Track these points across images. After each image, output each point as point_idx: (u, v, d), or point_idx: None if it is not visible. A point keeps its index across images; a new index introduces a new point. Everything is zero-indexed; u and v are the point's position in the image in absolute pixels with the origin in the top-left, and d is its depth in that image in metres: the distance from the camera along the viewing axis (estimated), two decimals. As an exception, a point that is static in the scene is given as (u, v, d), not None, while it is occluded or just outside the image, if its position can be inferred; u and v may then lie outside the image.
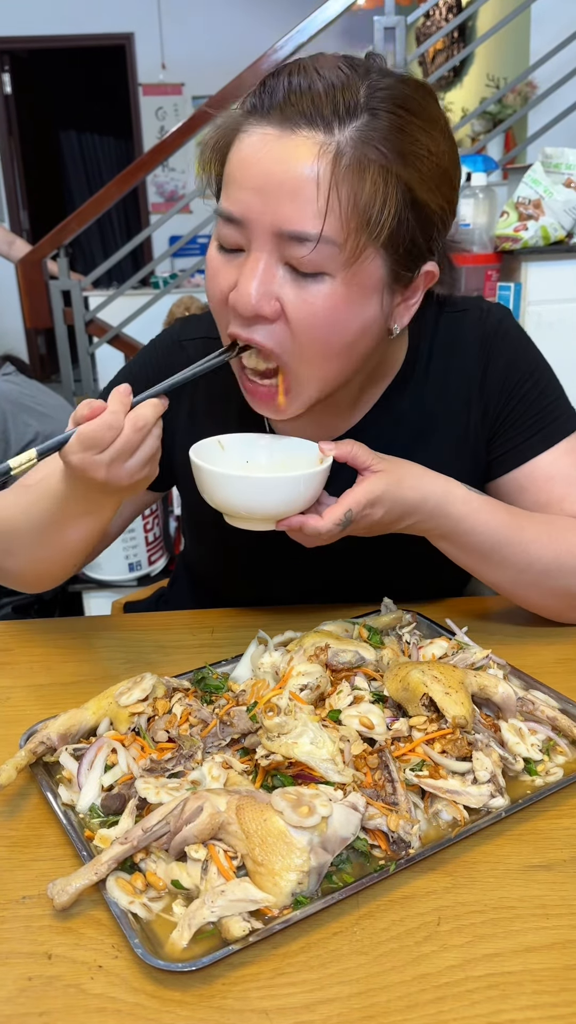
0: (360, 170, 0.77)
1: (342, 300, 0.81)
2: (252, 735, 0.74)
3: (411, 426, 1.03)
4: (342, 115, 0.77)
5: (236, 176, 0.80)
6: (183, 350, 1.09)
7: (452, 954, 0.58)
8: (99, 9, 7.10)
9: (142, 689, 0.78)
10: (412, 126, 0.79)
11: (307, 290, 0.80)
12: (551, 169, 2.43)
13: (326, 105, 0.77)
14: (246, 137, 0.80)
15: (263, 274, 0.80)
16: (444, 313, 1.05)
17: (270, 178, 0.77)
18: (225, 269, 0.84)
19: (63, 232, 3.33)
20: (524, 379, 1.02)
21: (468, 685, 0.77)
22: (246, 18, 6.93)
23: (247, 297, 0.80)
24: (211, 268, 0.86)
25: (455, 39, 5.90)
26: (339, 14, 2.90)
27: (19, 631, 1.07)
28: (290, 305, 0.81)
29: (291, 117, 0.77)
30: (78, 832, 0.68)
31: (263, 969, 0.57)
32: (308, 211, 0.77)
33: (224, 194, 0.82)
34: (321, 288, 0.80)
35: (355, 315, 0.82)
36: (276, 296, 0.81)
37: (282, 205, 0.77)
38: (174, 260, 6.71)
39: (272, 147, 0.77)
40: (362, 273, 0.81)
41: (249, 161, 0.79)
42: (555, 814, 0.70)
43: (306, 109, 0.77)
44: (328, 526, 0.83)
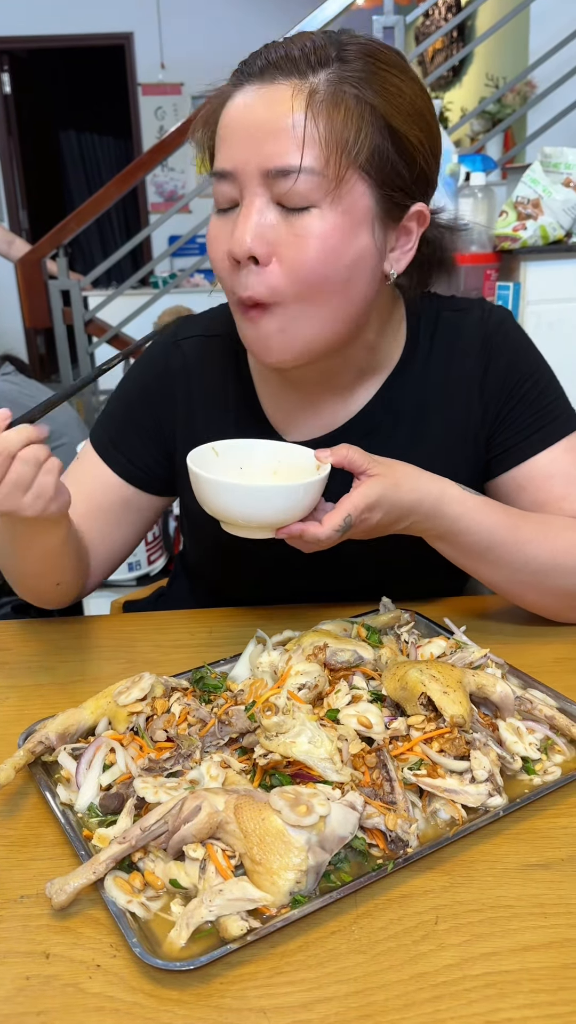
0: (334, 102, 0.82)
1: (331, 229, 0.84)
2: (250, 734, 0.74)
3: (409, 420, 1.04)
4: (314, 65, 0.83)
5: (224, 134, 0.86)
6: (179, 350, 1.10)
7: (450, 953, 0.58)
8: (98, 9, 7.10)
9: (140, 688, 0.78)
10: (382, 71, 0.85)
11: (297, 224, 0.84)
12: (550, 169, 2.43)
13: (301, 61, 0.83)
14: (231, 102, 0.86)
15: (255, 216, 0.84)
16: (445, 311, 1.06)
17: (253, 125, 0.84)
18: (223, 229, 0.88)
19: (62, 232, 3.33)
20: (524, 379, 1.02)
21: (466, 684, 0.77)
22: (245, 18, 6.93)
23: (242, 241, 0.84)
24: (211, 234, 0.90)
25: (454, 38, 5.90)
26: (338, 14, 2.90)
27: (18, 631, 1.07)
28: (284, 244, 0.84)
29: (266, 71, 0.84)
30: (76, 831, 0.68)
31: (261, 968, 0.57)
32: (288, 145, 0.82)
33: (216, 158, 0.88)
34: (310, 220, 0.84)
35: (346, 244, 0.85)
36: (269, 237, 0.84)
37: (265, 145, 0.83)
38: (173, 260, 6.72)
39: (252, 100, 0.84)
40: (348, 200, 0.84)
41: (234, 117, 0.85)
42: (553, 813, 0.70)
43: (283, 66, 0.84)
44: (328, 533, 0.83)
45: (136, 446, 1.09)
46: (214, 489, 0.82)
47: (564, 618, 1.01)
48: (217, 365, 1.08)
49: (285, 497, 0.82)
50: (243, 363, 1.08)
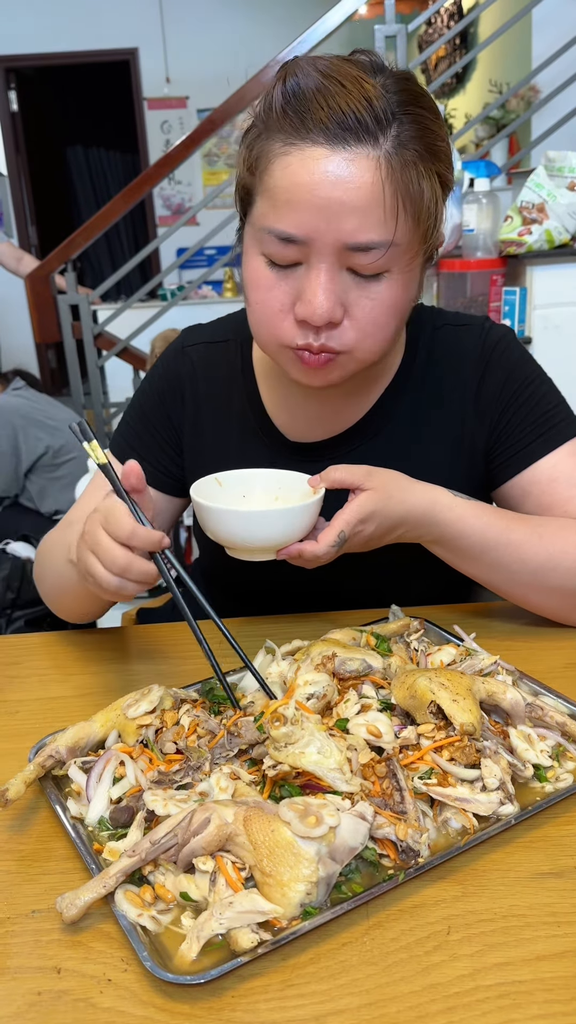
0: (410, 172, 0.82)
1: (399, 292, 0.87)
2: (259, 745, 0.74)
3: (406, 429, 1.06)
4: (382, 123, 0.81)
5: (290, 199, 0.82)
6: (186, 356, 1.14)
7: (462, 963, 0.57)
8: (103, 25, 7.16)
9: (149, 701, 0.78)
10: (427, 120, 0.85)
11: (370, 290, 0.86)
12: (554, 173, 2.43)
13: (365, 115, 0.80)
14: (291, 159, 0.82)
15: (331, 283, 0.84)
16: (446, 325, 1.08)
17: (331, 198, 0.80)
18: (280, 284, 0.87)
19: (70, 247, 3.36)
20: (521, 389, 1.04)
21: (476, 692, 0.77)
22: (248, 31, 6.98)
23: (320, 308, 0.84)
24: (263, 284, 0.88)
25: (457, 45, 5.91)
26: (340, 24, 2.92)
27: (29, 644, 1.07)
28: (356, 307, 0.86)
29: (336, 134, 0.80)
30: (87, 845, 0.68)
31: (272, 981, 0.57)
32: (374, 221, 0.81)
33: (275, 215, 0.84)
34: (383, 286, 0.86)
35: (408, 300, 0.90)
36: (342, 300, 0.85)
37: (347, 221, 0.81)
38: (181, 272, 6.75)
39: (326, 167, 0.80)
40: (412, 265, 0.88)
41: (305, 183, 0.81)
42: (565, 820, 0.70)
43: (350, 124, 0.80)
44: (324, 549, 0.87)
45: (153, 449, 1.12)
46: (216, 517, 0.87)
47: (571, 620, 1.01)
48: (222, 370, 1.11)
49: (282, 521, 0.87)
50: (248, 368, 1.11)
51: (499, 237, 2.53)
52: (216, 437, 1.10)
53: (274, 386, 1.08)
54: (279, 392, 1.08)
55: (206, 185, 7.64)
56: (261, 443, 1.09)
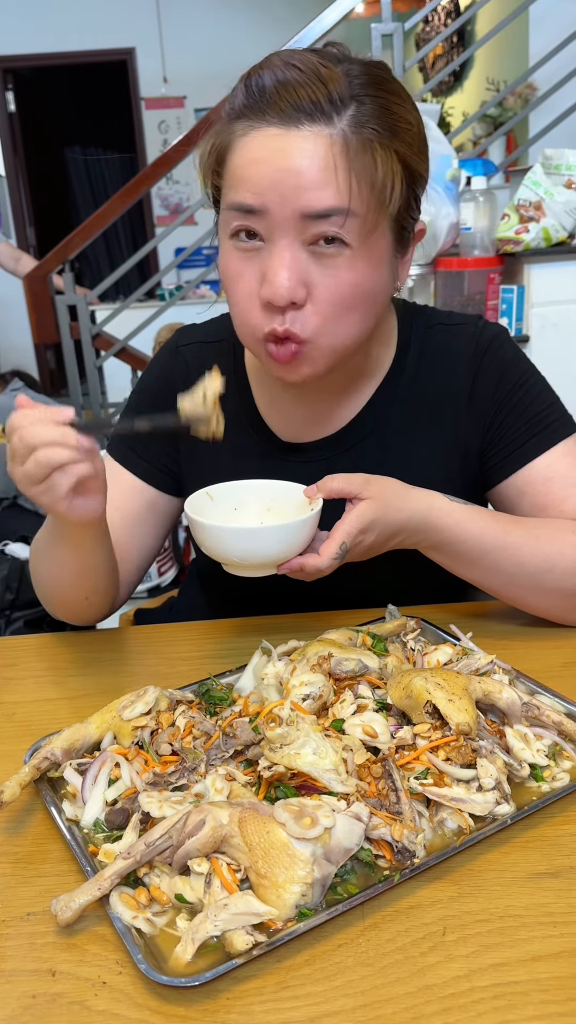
0: (365, 150, 0.83)
1: (362, 271, 0.86)
2: (255, 746, 0.74)
3: (398, 428, 1.06)
4: (337, 104, 0.82)
5: (247, 174, 0.84)
6: (180, 356, 1.14)
7: (458, 964, 0.57)
8: (100, 26, 7.15)
9: (145, 702, 0.78)
10: (392, 103, 0.86)
11: (330, 266, 0.85)
12: (551, 171, 2.43)
13: (319, 96, 0.82)
14: (248, 139, 0.84)
15: (292, 262, 0.84)
16: (438, 325, 1.08)
17: (287, 168, 0.82)
18: (247, 268, 0.88)
19: (68, 247, 3.35)
20: (515, 388, 1.03)
21: (472, 691, 0.77)
22: (245, 29, 6.97)
23: (281, 287, 0.84)
24: (232, 271, 0.89)
25: (454, 43, 5.91)
26: (336, 23, 2.91)
27: (25, 646, 1.07)
28: (318, 287, 0.86)
29: (290, 114, 0.82)
30: (82, 847, 0.68)
31: (267, 983, 0.57)
32: (330, 191, 0.82)
33: (235, 192, 0.86)
34: (343, 262, 0.85)
35: (373, 283, 0.89)
36: (304, 279, 0.85)
37: (304, 191, 0.82)
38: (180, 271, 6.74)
39: (280, 144, 0.82)
40: (375, 243, 0.87)
41: (259, 160, 0.83)
42: (562, 820, 0.70)
43: (304, 104, 0.82)
44: (327, 563, 0.87)
45: (151, 447, 1.13)
46: (214, 535, 0.86)
47: (569, 620, 1.01)
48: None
49: (283, 536, 0.85)
50: (240, 367, 1.11)
51: (496, 235, 2.53)
52: None
53: (266, 387, 1.09)
54: (271, 393, 1.08)
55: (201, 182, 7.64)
56: (253, 443, 1.09)
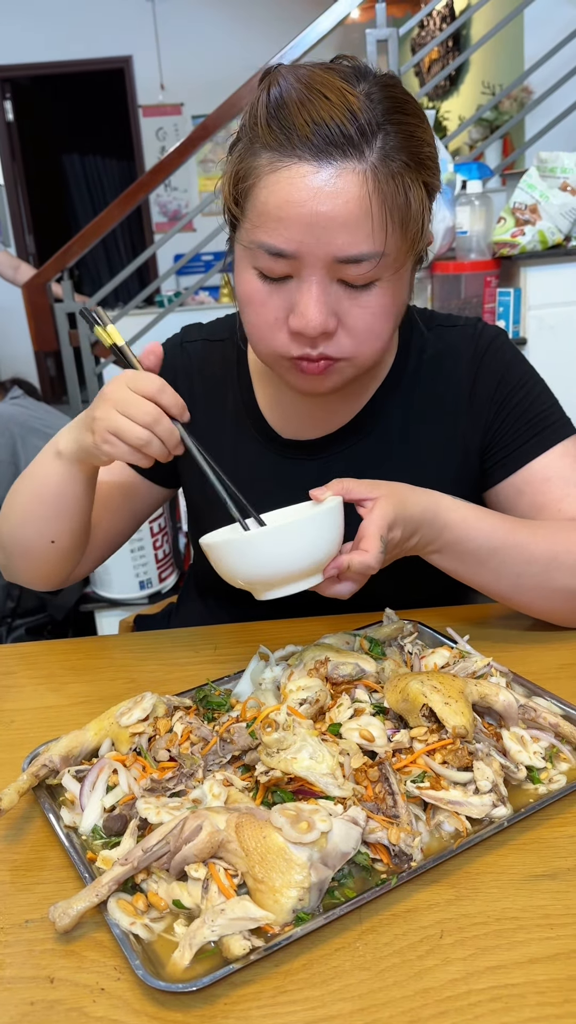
0: (396, 185, 0.83)
1: (390, 299, 0.88)
2: (252, 751, 0.74)
3: (398, 428, 1.06)
4: (367, 135, 0.80)
5: (280, 215, 0.82)
6: (184, 351, 1.15)
7: (455, 967, 0.57)
8: (97, 34, 7.18)
9: (142, 709, 0.78)
10: (412, 127, 0.84)
11: (362, 299, 0.86)
12: (546, 173, 2.43)
13: (350, 129, 0.79)
14: (278, 177, 0.82)
15: (322, 296, 0.85)
16: (437, 326, 1.09)
17: (319, 214, 0.81)
18: (273, 297, 0.87)
19: (66, 255, 3.36)
20: (515, 390, 1.04)
21: (468, 694, 0.77)
22: (241, 36, 6.99)
23: (314, 320, 0.84)
24: (256, 298, 0.88)
25: (450, 48, 5.92)
26: (331, 29, 2.92)
27: (24, 653, 1.08)
28: (348, 316, 0.87)
29: (322, 149, 0.80)
30: (80, 854, 0.68)
31: (265, 987, 0.57)
32: (363, 235, 0.82)
33: (265, 231, 0.84)
34: (374, 294, 0.86)
35: (399, 306, 0.91)
36: (335, 310, 0.86)
37: (336, 236, 0.81)
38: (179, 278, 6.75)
39: (313, 183, 0.80)
40: (402, 270, 0.88)
41: (293, 200, 0.81)
42: (559, 822, 0.70)
43: (335, 138, 0.79)
44: (375, 556, 0.82)
45: None
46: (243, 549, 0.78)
47: (573, 623, 1.00)
48: (218, 367, 1.13)
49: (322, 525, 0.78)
50: (243, 366, 1.12)
51: (492, 239, 2.54)
52: (210, 433, 1.10)
53: (268, 385, 1.10)
54: (273, 391, 1.09)
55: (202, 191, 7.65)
56: (254, 440, 1.10)
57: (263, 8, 7.05)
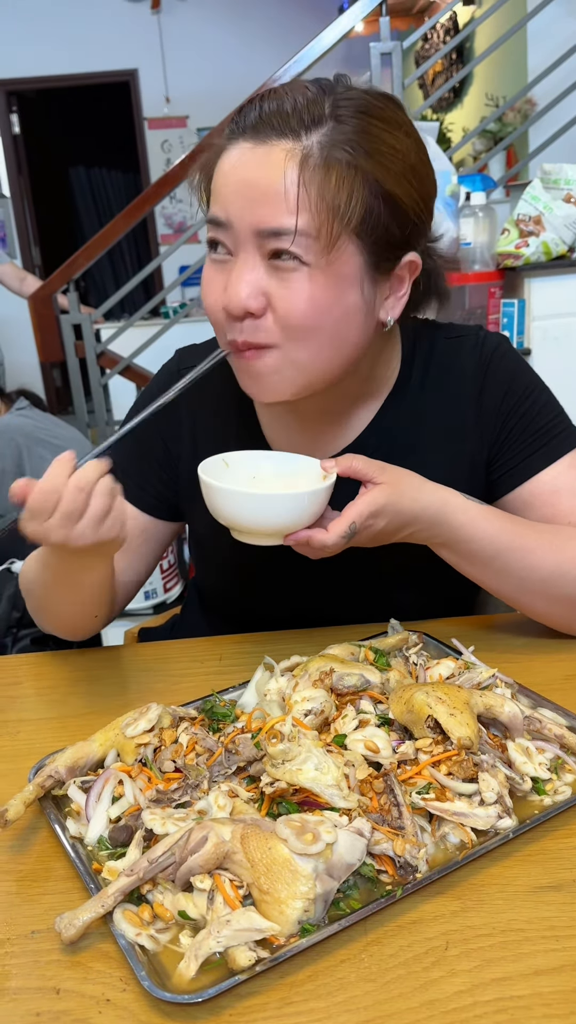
0: (326, 168, 0.83)
1: (320, 287, 0.86)
2: (258, 763, 0.74)
3: (404, 444, 1.06)
4: (308, 124, 0.84)
5: (218, 186, 0.88)
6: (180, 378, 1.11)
7: (460, 979, 0.57)
8: (103, 47, 7.24)
9: (148, 720, 0.78)
10: (375, 128, 0.86)
11: (288, 281, 0.86)
12: (550, 185, 2.44)
13: (293, 118, 0.84)
14: (226, 155, 0.88)
15: (248, 273, 0.87)
16: (440, 338, 1.08)
17: (247, 183, 0.85)
18: (216, 277, 0.90)
19: (72, 267, 3.38)
20: (521, 400, 1.04)
21: (474, 705, 0.77)
22: (246, 49, 7.04)
23: (237, 296, 0.86)
24: (205, 280, 0.93)
25: (453, 60, 5.95)
26: (336, 42, 2.95)
27: (29, 664, 1.08)
28: (275, 296, 0.87)
29: (263, 131, 0.85)
30: (86, 865, 0.68)
31: (270, 999, 0.57)
32: (281, 208, 0.83)
33: (211, 205, 0.90)
34: (300, 277, 0.86)
35: (335, 301, 0.87)
36: (262, 291, 0.87)
37: (259, 206, 0.84)
38: (184, 289, 6.78)
39: (247, 157, 0.85)
40: (338, 262, 0.86)
41: (229, 171, 0.87)
42: (564, 833, 0.70)
43: (276, 123, 0.84)
44: (334, 539, 0.86)
45: (147, 473, 1.12)
46: (224, 498, 0.86)
47: (574, 629, 1.01)
48: (218, 392, 1.11)
49: (292, 504, 0.85)
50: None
51: (496, 250, 2.55)
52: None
53: (270, 408, 1.09)
54: (275, 414, 1.09)
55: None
56: None
57: (268, 21, 7.10)
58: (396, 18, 5.22)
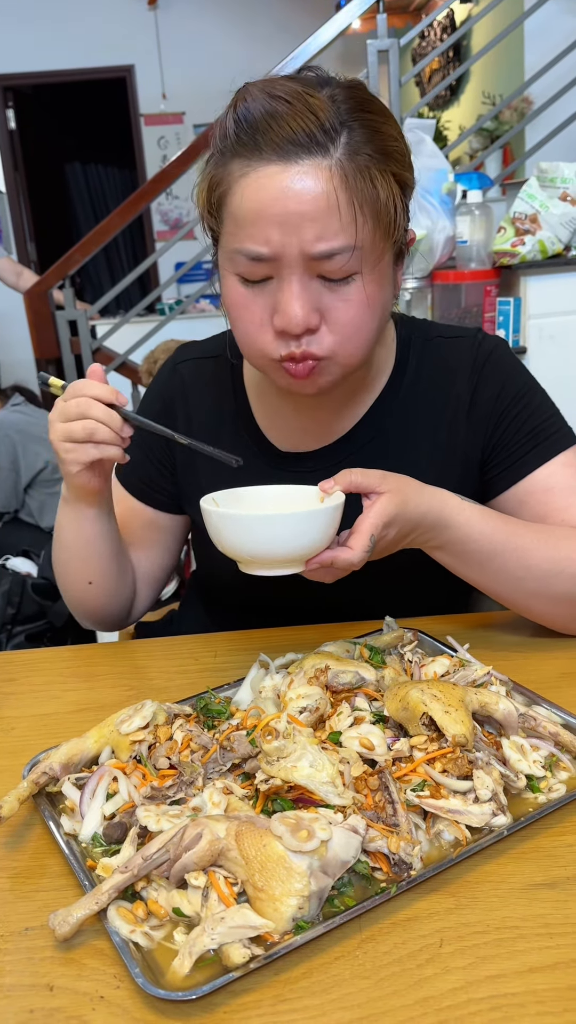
0: (363, 177, 0.84)
1: (372, 292, 0.89)
2: (252, 759, 0.74)
3: (398, 437, 1.07)
4: (330, 133, 0.83)
5: (253, 218, 0.85)
6: (177, 373, 1.16)
7: (455, 976, 0.57)
8: (99, 43, 7.21)
9: (143, 716, 0.78)
10: (376, 122, 0.87)
11: (342, 294, 0.87)
12: (546, 183, 2.44)
13: (312, 127, 0.82)
14: (248, 181, 0.85)
15: (303, 292, 0.86)
16: (436, 338, 1.09)
17: (289, 212, 0.83)
18: (257, 301, 0.89)
19: (68, 263, 3.37)
20: (516, 400, 1.04)
21: (468, 703, 0.77)
22: (243, 46, 7.02)
23: (296, 317, 0.86)
24: (240, 303, 0.90)
25: (450, 58, 5.95)
26: (333, 39, 2.94)
27: (24, 660, 1.08)
28: (330, 311, 0.88)
29: (288, 151, 0.83)
30: (80, 862, 0.68)
31: (265, 996, 0.57)
32: (334, 229, 0.84)
33: (241, 236, 0.86)
34: (354, 288, 0.87)
35: (381, 300, 0.91)
36: (316, 307, 0.87)
37: (308, 232, 0.83)
38: (180, 286, 6.77)
39: (281, 182, 0.83)
40: (381, 262, 0.89)
41: (263, 202, 0.84)
42: (558, 831, 0.70)
43: (299, 137, 0.82)
44: (360, 555, 0.83)
45: (149, 469, 1.15)
46: (233, 526, 0.79)
47: (572, 629, 1.01)
48: (213, 385, 1.13)
49: (311, 523, 0.79)
50: (239, 381, 1.13)
51: (492, 248, 2.55)
52: None
53: (264, 399, 1.10)
54: (269, 404, 1.10)
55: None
56: (253, 455, 1.09)
57: (265, 18, 7.08)
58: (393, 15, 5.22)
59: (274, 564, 0.81)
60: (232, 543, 0.81)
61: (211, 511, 0.82)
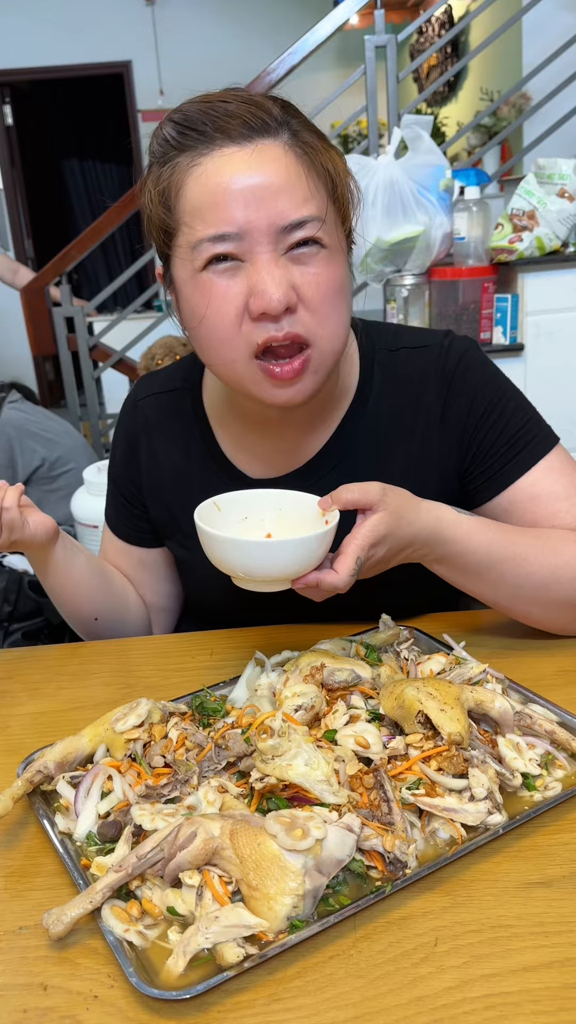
0: (313, 154, 0.88)
1: (336, 265, 0.89)
2: (248, 758, 0.74)
3: (368, 455, 1.04)
4: (278, 121, 0.87)
5: (214, 201, 0.85)
6: (139, 410, 1.15)
7: (449, 975, 0.57)
8: (96, 39, 7.19)
9: (138, 715, 0.78)
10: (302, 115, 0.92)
11: (312, 267, 0.87)
12: (544, 180, 2.44)
13: (260, 114, 0.86)
14: (203, 168, 0.86)
15: (277, 269, 0.85)
16: (401, 349, 1.06)
17: (256, 185, 0.84)
18: (230, 287, 0.87)
19: (64, 259, 3.37)
20: (490, 409, 1.02)
21: (464, 701, 0.77)
22: (240, 42, 7.00)
23: (273, 297, 0.85)
24: (215, 292, 0.87)
25: (448, 54, 5.94)
26: (330, 35, 2.93)
27: (19, 659, 1.07)
28: (303, 285, 0.87)
29: (241, 133, 0.86)
30: (75, 861, 0.68)
31: (259, 995, 0.57)
32: (297, 199, 0.85)
33: (205, 223, 0.86)
34: (321, 261, 0.88)
35: (344, 277, 0.91)
36: (291, 284, 0.86)
37: (273, 204, 0.84)
38: (177, 282, 6.75)
39: (241, 160, 0.85)
40: (339, 241, 0.91)
41: (224, 181, 0.85)
42: (554, 829, 0.70)
43: (251, 123, 0.86)
44: (345, 579, 0.82)
45: (129, 510, 1.17)
46: (225, 548, 0.81)
47: (572, 631, 1.00)
48: (175, 418, 1.12)
49: (299, 550, 0.81)
50: (200, 412, 1.10)
51: (490, 244, 2.54)
52: (177, 485, 1.11)
53: (228, 427, 1.08)
54: (234, 432, 1.07)
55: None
56: (223, 484, 1.05)
57: (262, 13, 7.07)
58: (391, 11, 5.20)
59: (261, 583, 0.83)
60: (220, 562, 0.83)
61: (204, 530, 0.82)
